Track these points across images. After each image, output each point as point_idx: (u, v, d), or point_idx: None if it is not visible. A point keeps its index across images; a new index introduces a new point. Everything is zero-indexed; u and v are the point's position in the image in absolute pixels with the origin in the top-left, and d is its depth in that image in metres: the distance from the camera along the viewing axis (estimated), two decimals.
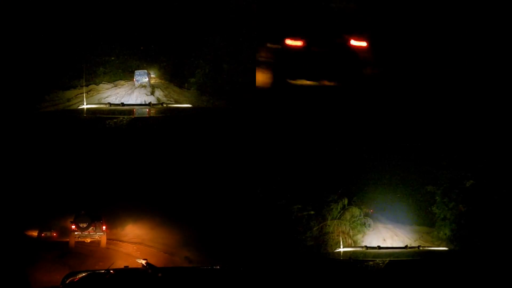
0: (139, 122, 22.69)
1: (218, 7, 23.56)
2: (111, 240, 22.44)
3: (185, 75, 24.09)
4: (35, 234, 22.26)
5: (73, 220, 21.90)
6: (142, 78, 23.66)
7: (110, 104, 22.60)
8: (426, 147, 22.99)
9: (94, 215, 22.01)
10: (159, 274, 13.18)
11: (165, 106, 22.96)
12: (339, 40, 22.06)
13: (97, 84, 23.82)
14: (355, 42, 22.09)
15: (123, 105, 22.54)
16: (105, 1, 23.22)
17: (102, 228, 21.96)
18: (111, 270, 13.19)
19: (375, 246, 22.65)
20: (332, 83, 22.48)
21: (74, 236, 21.78)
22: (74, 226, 21.82)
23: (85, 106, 22.41)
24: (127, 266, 14.16)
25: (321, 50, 22.09)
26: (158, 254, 21.69)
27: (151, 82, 23.93)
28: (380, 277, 20.66)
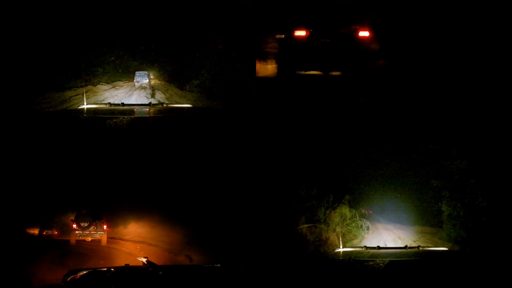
0: (139, 122, 22.68)
1: (218, 8, 23.54)
2: (113, 239, 22.40)
3: (186, 77, 23.98)
4: (36, 232, 22.23)
5: (74, 218, 21.89)
6: (142, 79, 23.66)
7: (110, 104, 22.60)
8: (431, 136, 21.42)
9: (95, 214, 21.99)
10: (160, 272, 13.21)
11: (165, 106, 22.97)
12: (345, 30, 22.07)
13: (94, 85, 23.68)
14: (362, 33, 22.09)
15: (123, 105, 22.55)
16: (105, 1, 23.21)
17: (103, 227, 21.94)
18: (112, 268, 13.23)
19: (375, 246, 22.62)
20: (337, 73, 22.45)
21: (75, 234, 21.80)
22: (75, 225, 21.85)
23: (85, 106, 22.40)
24: (128, 264, 14.21)
25: (327, 40, 22.10)
26: (162, 253, 21.61)
27: (151, 83, 23.90)
28: (380, 277, 20.61)
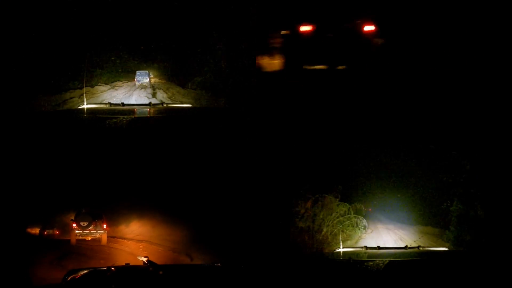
0: (140, 122, 22.70)
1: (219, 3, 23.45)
2: (115, 238, 22.41)
3: (187, 74, 23.88)
4: (37, 231, 22.27)
5: (74, 218, 21.94)
6: (143, 78, 23.67)
7: (110, 104, 22.62)
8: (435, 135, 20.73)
9: (95, 214, 22.04)
10: (160, 272, 13.24)
11: (165, 106, 22.99)
12: (350, 25, 22.11)
13: (92, 86, 23.46)
14: (367, 27, 22.13)
15: (123, 105, 22.58)
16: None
17: (102, 226, 21.99)
18: (112, 268, 13.25)
19: (375, 246, 22.62)
20: (342, 67, 22.46)
21: (75, 234, 21.86)
22: (75, 225, 21.90)
23: (85, 106, 22.41)
24: (128, 264, 14.25)
25: (332, 35, 22.16)
26: (166, 253, 21.59)
27: (152, 82, 23.89)
28: (380, 277, 20.62)
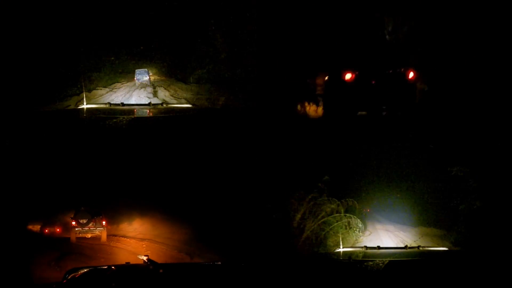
0: (140, 122, 22.72)
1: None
2: (117, 236, 22.45)
3: (189, 68, 23.75)
4: (38, 229, 22.32)
5: (73, 216, 22.10)
6: (142, 77, 23.75)
7: (110, 104, 22.68)
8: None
9: (94, 211, 22.19)
10: (161, 270, 13.27)
11: (165, 106, 23.02)
12: (392, 71, 22.24)
13: (90, 91, 23.17)
14: (412, 74, 22.32)
15: (123, 105, 22.65)
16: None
17: (102, 223, 22.15)
18: (113, 266, 13.28)
19: (375, 246, 22.61)
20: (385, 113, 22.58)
21: (75, 232, 22.01)
22: (74, 222, 22.05)
23: (85, 106, 22.45)
24: (129, 263, 14.29)
25: (375, 82, 22.31)
26: (171, 253, 21.57)
27: (151, 80, 23.90)
28: (379, 277, 20.61)
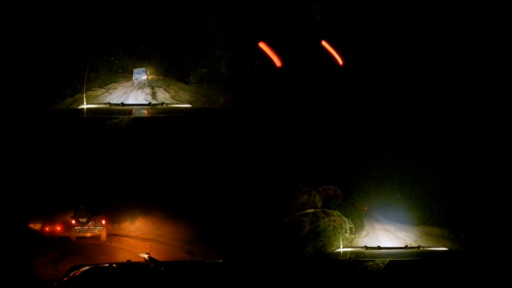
0: (140, 122, 22.73)
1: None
2: (118, 236, 22.42)
3: (188, 67, 23.73)
4: (39, 227, 22.32)
5: (73, 215, 22.18)
6: (140, 76, 23.80)
7: (110, 104, 22.67)
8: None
9: (94, 210, 22.25)
10: (162, 268, 13.26)
11: (164, 106, 23.04)
12: None
13: (85, 92, 22.83)
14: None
15: (123, 105, 22.65)
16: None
17: (101, 222, 22.21)
18: (114, 264, 13.27)
19: (375, 246, 22.60)
20: None
21: (75, 231, 22.10)
22: (74, 221, 22.13)
23: (85, 106, 22.44)
24: (130, 261, 14.27)
25: None
26: (178, 255, 21.36)
27: (149, 80, 23.90)
28: (380, 277, 20.59)
